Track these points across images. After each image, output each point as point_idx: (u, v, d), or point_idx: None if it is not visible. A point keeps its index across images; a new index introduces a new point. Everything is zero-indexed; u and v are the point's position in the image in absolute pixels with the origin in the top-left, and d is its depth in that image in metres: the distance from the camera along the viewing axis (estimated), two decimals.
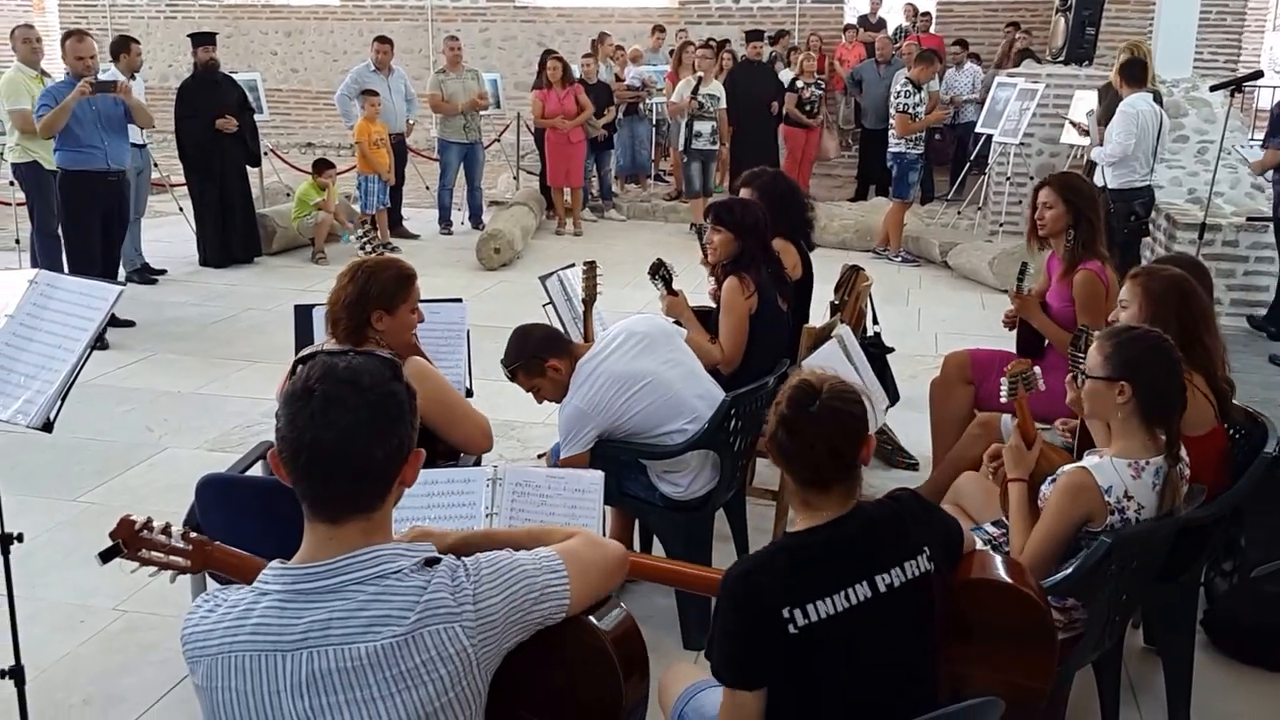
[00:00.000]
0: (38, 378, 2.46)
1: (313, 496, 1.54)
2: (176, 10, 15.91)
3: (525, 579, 1.62)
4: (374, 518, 1.56)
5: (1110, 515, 2.46)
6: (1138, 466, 2.48)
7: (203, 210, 8.42)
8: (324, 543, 1.54)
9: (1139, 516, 2.48)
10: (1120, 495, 2.46)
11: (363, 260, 2.97)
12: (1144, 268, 3.19)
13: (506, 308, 6.90)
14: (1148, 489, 2.48)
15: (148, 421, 5.19)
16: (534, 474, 2.67)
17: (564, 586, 1.66)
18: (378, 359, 1.60)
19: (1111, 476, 2.47)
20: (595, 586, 1.73)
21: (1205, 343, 2.88)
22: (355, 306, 2.84)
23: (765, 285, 3.93)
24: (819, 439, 1.93)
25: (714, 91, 9.44)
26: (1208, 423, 2.85)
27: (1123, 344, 2.50)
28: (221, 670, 1.49)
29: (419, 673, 1.49)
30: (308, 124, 15.47)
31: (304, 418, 1.50)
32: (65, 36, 6.50)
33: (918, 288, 7.90)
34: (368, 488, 1.54)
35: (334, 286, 2.89)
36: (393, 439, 1.54)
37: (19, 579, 2.74)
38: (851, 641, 1.89)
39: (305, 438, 1.50)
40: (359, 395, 1.51)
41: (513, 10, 14.92)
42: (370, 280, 2.86)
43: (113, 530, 1.93)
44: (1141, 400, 2.47)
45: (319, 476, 1.52)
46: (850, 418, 1.95)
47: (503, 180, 11.64)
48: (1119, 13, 9.90)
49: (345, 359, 1.57)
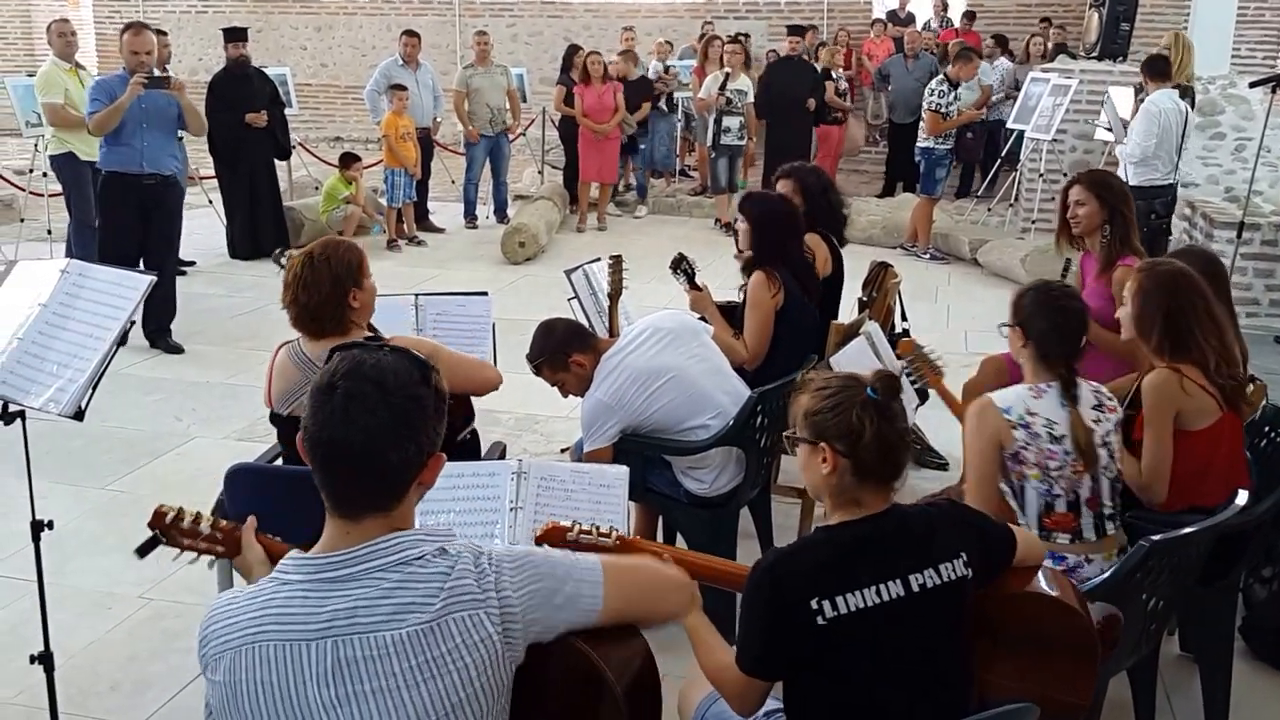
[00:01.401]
0: (70, 366, 2.47)
1: (328, 491, 1.53)
2: (208, 5, 16.03)
3: (548, 580, 1.59)
4: (392, 515, 1.55)
5: (1015, 430, 2.62)
6: (1038, 390, 2.68)
7: (232, 203, 8.49)
8: (343, 535, 1.53)
9: (1052, 432, 2.62)
10: (1022, 412, 2.64)
11: (305, 252, 2.85)
12: (1147, 262, 3.20)
13: (530, 301, 6.91)
14: (1055, 407, 2.65)
15: (176, 411, 5.23)
16: (559, 468, 2.66)
17: (594, 596, 1.62)
18: (409, 359, 1.56)
19: (1010, 399, 2.68)
20: (638, 607, 1.70)
21: (1198, 337, 2.88)
22: (333, 293, 2.77)
23: (792, 281, 3.91)
24: (906, 433, 1.97)
25: (741, 86, 9.38)
26: (1209, 415, 2.85)
27: (1017, 296, 2.84)
28: (246, 662, 1.48)
29: (445, 660, 1.48)
30: (336, 118, 15.54)
31: (325, 413, 1.50)
32: (124, 29, 6.12)
33: (947, 285, 7.83)
34: (383, 488, 1.53)
35: (291, 289, 2.77)
36: (410, 444, 1.52)
37: (47, 566, 2.76)
38: (880, 638, 1.86)
39: (324, 434, 1.49)
40: (382, 396, 1.50)
41: (540, 5, 14.93)
42: (331, 263, 2.77)
43: (150, 521, 1.94)
44: (1033, 340, 2.73)
45: (335, 472, 1.52)
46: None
47: (527, 174, 11.65)
48: (1153, 7, 9.77)
49: (375, 355, 1.55)
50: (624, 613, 1.67)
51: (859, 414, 1.90)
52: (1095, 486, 2.65)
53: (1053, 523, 2.65)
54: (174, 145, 6.18)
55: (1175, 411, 2.84)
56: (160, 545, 1.95)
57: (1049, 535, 2.65)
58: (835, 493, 1.96)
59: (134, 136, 5.89)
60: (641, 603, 1.71)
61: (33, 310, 2.57)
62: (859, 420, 1.90)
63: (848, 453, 1.91)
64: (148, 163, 5.94)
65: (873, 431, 1.90)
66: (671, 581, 1.79)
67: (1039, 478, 2.64)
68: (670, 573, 1.79)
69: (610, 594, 1.63)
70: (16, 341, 2.52)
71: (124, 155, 5.92)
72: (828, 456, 1.92)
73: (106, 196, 6.07)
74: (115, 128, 5.83)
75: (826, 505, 2.02)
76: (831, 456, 1.92)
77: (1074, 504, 2.64)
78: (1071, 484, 2.63)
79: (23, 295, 2.64)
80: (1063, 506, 2.64)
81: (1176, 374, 2.86)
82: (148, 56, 5.90)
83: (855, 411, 1.90)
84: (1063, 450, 2.61)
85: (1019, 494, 2.69)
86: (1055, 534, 2.65)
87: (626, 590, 1.67)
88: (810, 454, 1.97)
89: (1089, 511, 2.65)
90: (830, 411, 1.93)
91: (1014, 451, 2.64)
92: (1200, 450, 2.85)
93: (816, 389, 1.99)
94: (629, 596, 1.67)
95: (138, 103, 5.78)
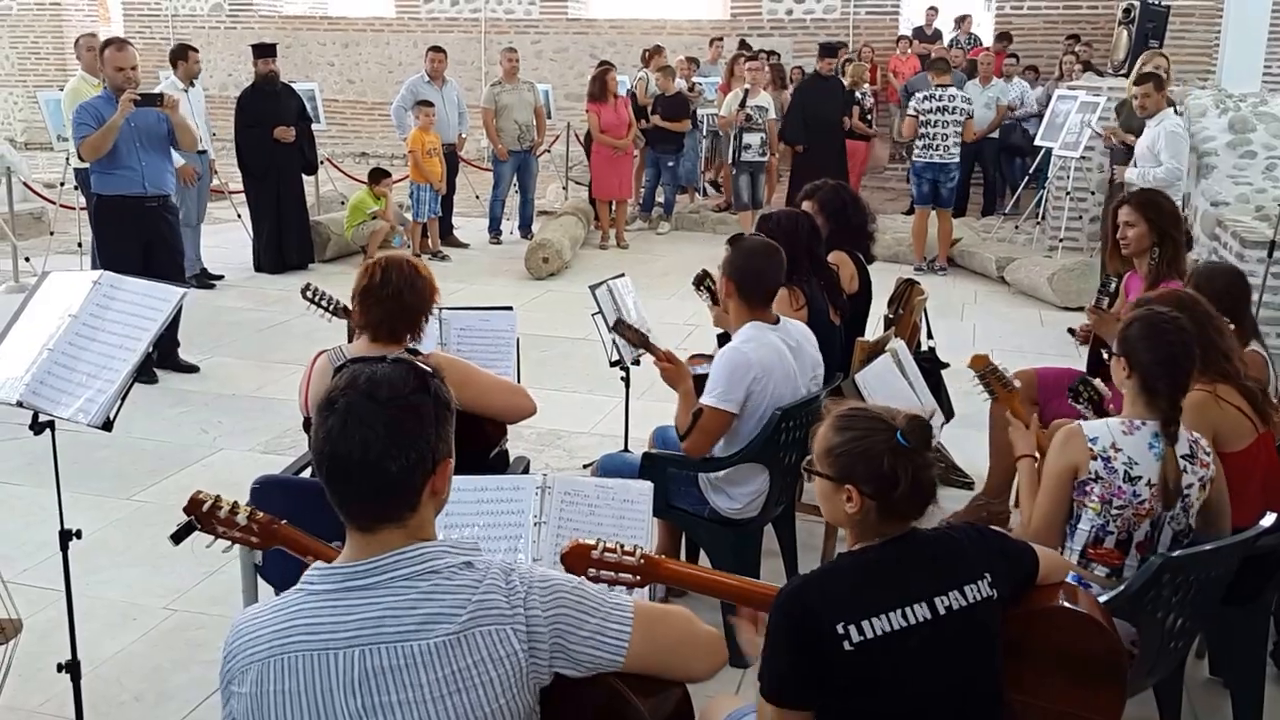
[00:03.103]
0: (99, 377, 2.49)
1: (339, 504, 1.54)
2: (237, 21, 16.24)
3: (576, 609, 1.57)
4: (408, 524, 1.54)
5: (1093, 461, 2.56)
6: (1131, 425, 2.60)
7: (259, 217, 8.57)
8: (363, 546, 1.53)
9: (1130, 472, 2.55)
10: (1107, 445, 2.58)
11: (405, 258, 2.97)
12: (1147, 297, 3.19)
13: (554, 317, 6.93)
14: (1143, 448, 2.57)
15: (202, 423, 5.26)
16: (583, 483, 2.65)
17: (621, 639, 1.59)
18: (407, 367, 1.57)
19: (1100, 429, 2.62)
20: (665, 658, 1.65)
21: (1216, 356, 2.86)
22: (428, 301, 2.93)
23: (816, 297, 3.89)
24: (934, 477, 1.96)
25: (762, 103, 9.40)
26: (1245, 435, 2.84)
27: (1124, 325, 2.75)
28: (273, 673, 1.48)
29: (470, 673, 1.47)
30: (362, 134, 15.68)
31: (325, 428, 1.51)
32: (104, 45, 5.83)
33: (973, 303, 7.79)
34: (390, 500, 1.53)
35: (393, 284, 2.85)
36: (410, 452, 1.51)
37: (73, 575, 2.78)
38: (908, 662, 1.84)
39: (325, 449, 1.51)
40: (375, 408, 1.50)
41: (565, 22, 15.02)
42: (428, 276, 2.93)
43: (185, 506, 1.96)
44: (1137, 372, 2.62)
45: (339, 489, 1.52)
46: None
47: (552, 190, 11.69)
48: (1183, 25, 9.70)
49: (370, 368, 1.55)
50: (650, 661, 1.63)
51: (891, 462, 1.87)
52: (1153, 533, 2.60)
53: (1096, 554, 2.61)
54: (170, 163, 5.97)
55: (1214, 433, 2.81)
56: (195, 531, 1.97)
57: (1087, 564, 2.62)
58: (858, 525, 1.95)
59: (131, 158, 5.64)
60: (669, 655, 1.66)
61: (63, 321, 2.59)
62: (891, 469, 1.87)
63: (876, 496, 1.89)
64: (149, 183, 5.72)
65: (908, 481, 1.87)
66: (705, 641, 1.72)
67: (1097, 511, 2.60)
68: (705, 632, 1.73)
69: (638, 638, 1.60)
70: (47, 353, 2.55)
71: (124, 179, 5.66)
72: (854, 496, 1.90)
73: (105, 221, 5.77)
74: (111, 152, 5.56)
75: (847, 535, 2.01)
76: (858, 497, 1.89)
77: (1124, 543, 2.60)
78: (1128, 525, 2.59)
79: (53, 307, 2.66)
80: (1111, 543, 2.60)
81: (1210, 391, 2.84)
82: (133, 71, 5.65)
83: (887, 459, 1.87)
84: (1132, 491, 2.56)
85: (1073, 521, 2.65)
86: (1095, 565, 2.62)
87: (656, 639, 1.63)
88: (833, 489, 1.94)
89: (1137, 554, 2.60)
90: (859, 455, 1.90)
91: (1083, 480, 2.60)
92: (1237, 472, 2.82)
93: (841, 425, 1.95)
94: (657, 646, 1.63)
95: (126, 123, 5.53)
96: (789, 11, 13.97)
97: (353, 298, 2.94)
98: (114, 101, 5.57)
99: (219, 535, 2.02)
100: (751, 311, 3.34)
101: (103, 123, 5.52)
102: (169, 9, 16.42)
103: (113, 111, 5.53)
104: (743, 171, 9.54)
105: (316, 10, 17.93)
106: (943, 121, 8.57)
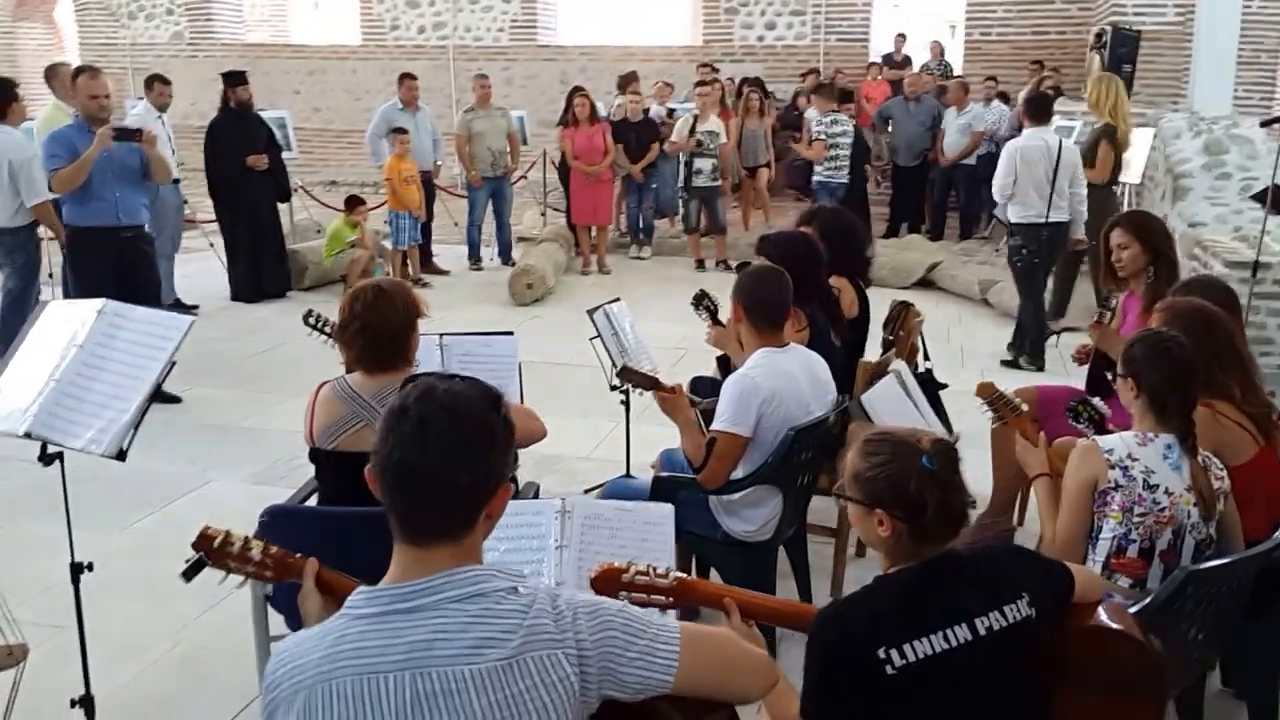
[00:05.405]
0: (110, 407, 2.44)
1: (399, 516, 1.53)
2: (198, 50, 16.07)
3: (622, 632, 1.56)
4: (462, 544, 1.54)
5: (1112, 470, 2.60)
6: (1145, 438, 2.65)
7: (235, 246, 8.48)
8: (412, 565, 1.52)
9: (1148, 480, 2.58)
10: (1124, 455, 2.62)
11: (372, 284, 2.91)
12: (1167, 301, 3.23)
13: (543, 342, 6.89)
14: (1158, 458, 2.61)
15: (190, 455, 5.16)
16: (603, 506, 2.63)
17: (670, 660, 1.57)
18: (480, 387, 1.59)
19: (1115, 442, 2.67)
20: (715, 680, 1.64)
21: (1216, 372, 2.89)
22: (405, 321, 2.85)
23: (818, 319, 3.90)
24: (966, 500, 1.97)
25: (713, 128, 9.48)
26: (1245, 449, 2.87)
27: (1128, 346, 2.78)
28: (321, 699, 1.45)
29: (523, 699, 1.46)
30: (330, 162, 15.56)
31: (397, 436, 1.51)
32: (76, 72, 5.74)
33: (958, 325, 7.86)
34: (453, 514, 1.53)
35: (360, 318, 2.80)
36: (480, 468, 1.53)
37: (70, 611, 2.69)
38: (950, 684, 1.82)
39: (395, 456, 1.50)
40: (453, 421, 1.51)
41: (535, 49, 15.06)
42: (401, 293, 2.88)
43: (194, 542, 1.90)
44: (1146, 391, 2.68)
45: (405, 497, 1.52)
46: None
47: (529, 216, 11.68)
48: (1154, 50, 9.90)
49: (447, 383, 1.57)
50: (699, 682, 1.61)
51: (918, 486, 1.88)
52: (1176, 542, 2.62)
53: (1120, 565, 2.62)
54: (144, 194, 5.88)
55: (1215, 448, 2.83)
56: (206, 568, 1.92)
57: (1111, 576, 2.63)
58: (892, 549, 1.95)
59: (105, 189, 5.53)
60: (719, 676, 1.65)
61: (69, 351, 2.53)
62: (919, 493, 1.88)
63: (906, 519, 1.89)
64: (124, 214, 5.62)
65: (935, 506, 1.88)
66: (755, 662, 1.71)
67: (1119, 520, 2.61)
68: (755, 653, 1.72)
69: (686, 660, 1.59)
70: (54, 383, 2.49)
71: (99, 210, 5.56)
72: (884, 521, 1.91)
73: (79, 253, 5.66)
74: (85, 184, 5.44)
75: (883, 559, 2.00)
76: (889, 521, 1.90)
77: (1147, 552, 2.61)
78: (1150, 532, 2.60)
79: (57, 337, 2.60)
80: (1135, 552, 2.61)
81: (1209, 408, 2.86)
82: (106, 100, 5.59)
83: (914, 483, 1.88)
84: (1152, 499, 2.59)
85: (1094, 533, 2.67)
86: (1118, 576, 2.63)
87: (705, 660, 1.62)
88: (864, 514, 1.95)
89: (1160, 563, 2.62)
90: (886, 481, 1.91)
91: (1103, 490, 2.63)
92: (1242, 485, 2.84)
93: (868, 451, 1.96)
94: (707, 667, 1.62)
95: (101, 153, 5.42)
96: (760, 38, 14.12)
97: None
98: (85, 130, 5.49)
99: (231, 571, 1.95)
100: (761, 336, 3.35)
101: (74, 153, 5.44)
102: (126, 37, 16.24)
103: (84, 140, 5.45)
104: (694, 196, 9.64)
105: (279, 38, 17.87)
106: (844, 144, 9.51)
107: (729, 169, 9.75)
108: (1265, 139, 7.30)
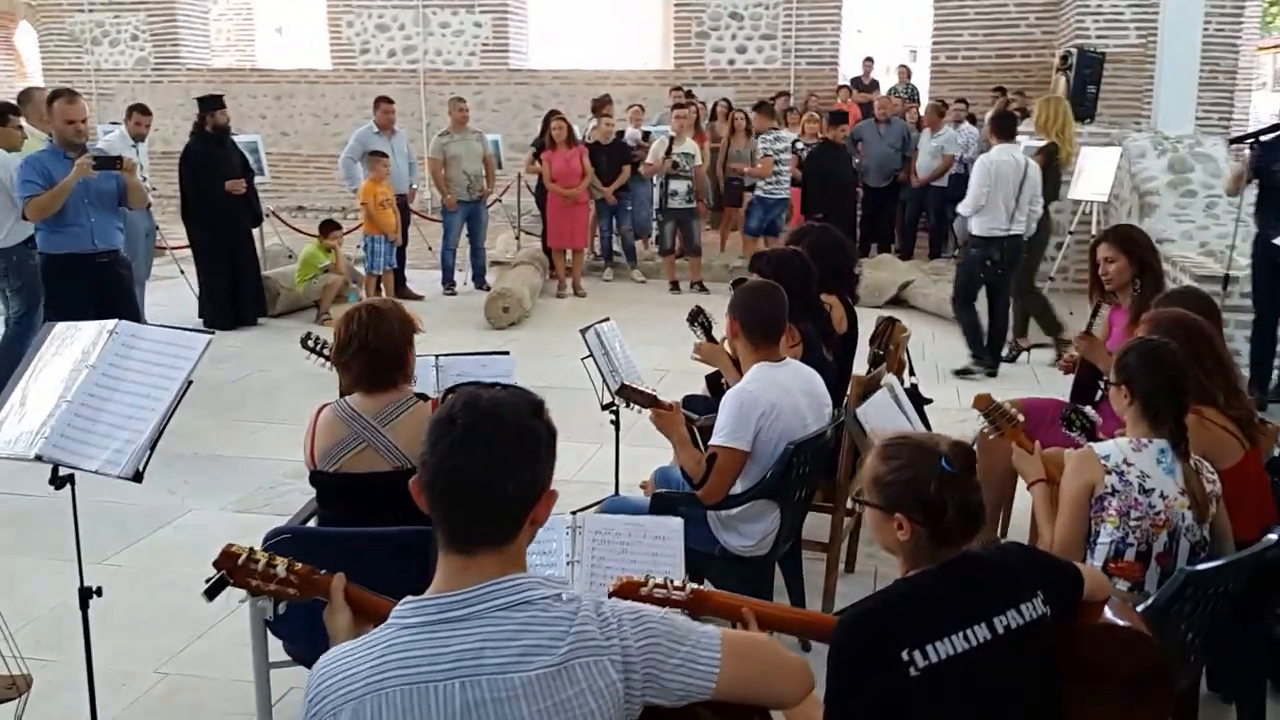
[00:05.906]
0: (125, 428, 2.40)
1: (446, 525, 1.53)
2: (163, 75, 15.89)
3: (665, 638, 1.57)
4: (507, 551, 1.54)
5: (1108, 475, 2.64)
6: (1138, 443, 2.70)
7: (210, 271, 8.38)
8: (458, 573, 1.52)
9: (1143, 485, 2.63)
10: (1119, 460, 2.67)
11: (367, 305, 2.91)
12: (1151, 313, 3.29)
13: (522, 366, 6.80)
14: (1152, 462, 2.66)
15: (168, 484, 5.06)
16: (614, 521, 2.63)
17: (712, 666, 1.60)
18: (522, 394, 1.61)
19: (1110, 448, 2.71)
20: (754, 684, 1.66)
21: (1200, 378, 2.94)
22: (402, 339, 2.86)
23: (811, 335, 3.92)
24: (982, 501, 1.98)
25: (688, 150, 9.53)
26: (1231, 454, 2.93)
27: (1120, 354, 2.83)
28: (371, 711, 1.44)
29: (570, 706, 1.46)
30: (298, 187, 15.44)
31: (444, 446, 1.51)
32: (52, 97, 5.65)
33: (932, 342, 7.93)
34: (500, 520, 1.54)
35: (358, 337, 2.79)
36: (525, 474, 1.54)
37: (56, 644, 2.63)
38: (973, 683, 1.84)
39: (444, 465, 1.51)
40: (499, 428, 1.53)
41: (506, 72, 15.06)
42: (397, 312, 2.89)
43: (216, 560, 1.87)
44: (1139, 398, 2.73)
45: (453, 505, 1.52)
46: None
47: (503, 240, 11.66)
48: (1116, 71, 10.10)
49: (490, 391, 1.58)
50: (739, 687, 1.63)
51: (937, 488, 1.90)
52: (1171, 545, 2.66)
53: (1118, 568, 2.66)
54: (119, 220, 5.84)
55: (1203, 452, 2.87)
56: (228, 586, 1.89)
57: (1110, 579, 2.64)
58: (910, 552, 1.97)
59: (80, 215, 5.49)
60: (758, 681, 1.67)
61: (80, 371, 2.49)
62: (938, 495, 1.90)
63: (925, 522, 1.91)
64: (99, 239, 5.59)
65: (955, 507, 1.90)
66: (793, 667, 1.73)
67: (1116, 524, 2.65)
68: (793, 658, 1.75)
69: (728, 665, 1.61)
70: (65, 404, 2.44)
71: (74, 236, 5.51)
72: (904, 524, 1.93)
73: (56, 279, 5.58)
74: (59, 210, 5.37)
75: (900, 562, 2.02)
76: (908, 525, 1.92)
77: (1144, 555, 2.65)
78: (1147, 535, 2.64)
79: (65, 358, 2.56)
80: (1132, 555, 2.65)
81: (1196, 414, 2.91)
82: (84, 124, 5.51)
83: (933, 485, 1.90)
84: (1148, 503, 2.63)
85: (1092, 538, 2.70)
86: (1116, 579, 2.65)
87: (745, 666, 1.64)
88: (883, 519, 1.97)
89: (1157, 566, 2.65)
90: (905, 484, 1.93)
91: (1099, 495, 2.67)
92: (1230, 488, 2.88)
93: (887, 455, 1.98)
94: (747, 672, 1.64)
95: (77, 182, 5.36)
96: (731, 61, 14.24)
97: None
98: (60, 155, 5.42)
99: (253, 590, 1.92)
100: (757, 351, 3.36)
101: (49, 179, 5.36)
102: (90, 63, 16.07)
103: (60, 166, 5.37)
104: (669, 218, 9.67)
105: (245, 62, 17.76)
106: (785, 160, 9.85)
107: (703, 191, 9.79)
108: (1227, 158, 7.46)
